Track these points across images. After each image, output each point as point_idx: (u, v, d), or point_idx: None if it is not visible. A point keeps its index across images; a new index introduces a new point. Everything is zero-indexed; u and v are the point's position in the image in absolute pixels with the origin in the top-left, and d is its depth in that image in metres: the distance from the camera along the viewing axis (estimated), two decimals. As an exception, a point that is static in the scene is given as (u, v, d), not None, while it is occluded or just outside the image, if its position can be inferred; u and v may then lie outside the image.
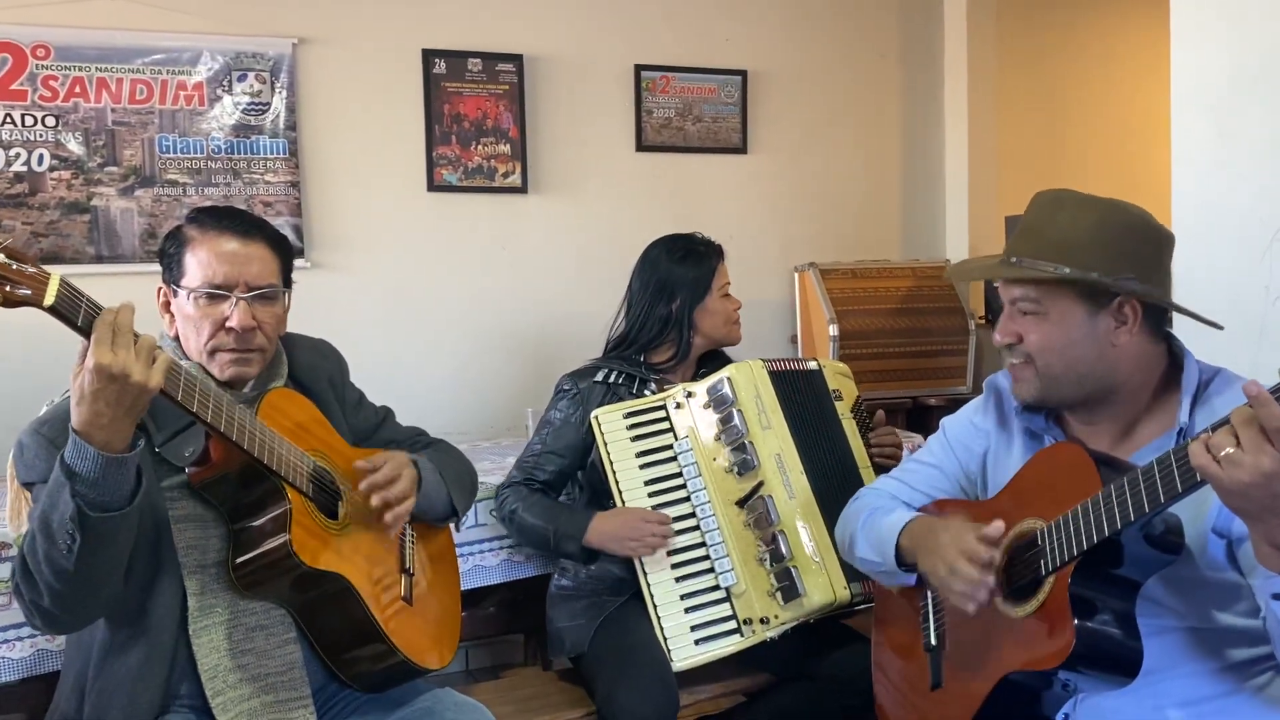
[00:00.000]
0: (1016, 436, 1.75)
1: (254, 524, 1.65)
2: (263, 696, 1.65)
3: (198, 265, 1.70)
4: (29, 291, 1.33)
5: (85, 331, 1.38)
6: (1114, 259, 1.54)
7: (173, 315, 1.75)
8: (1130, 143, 4.86)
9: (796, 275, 4.04)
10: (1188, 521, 1.44)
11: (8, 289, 1.31)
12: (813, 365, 2.45)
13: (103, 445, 1.41)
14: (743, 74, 4.10)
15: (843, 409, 2.42)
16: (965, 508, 1.76)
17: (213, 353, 1.71)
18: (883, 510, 1.83)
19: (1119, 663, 1.42)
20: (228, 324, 1.69)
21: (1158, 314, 1.59)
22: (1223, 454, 1.20)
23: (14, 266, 1.32)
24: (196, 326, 1.71)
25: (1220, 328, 1.57)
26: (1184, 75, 2.32)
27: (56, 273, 1.37)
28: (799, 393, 2.38)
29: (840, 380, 2.47)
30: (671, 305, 2.45)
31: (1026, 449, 1.73)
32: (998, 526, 1.52)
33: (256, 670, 1.66)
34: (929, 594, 1.76)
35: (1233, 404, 1.50)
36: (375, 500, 1.76)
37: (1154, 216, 1.62)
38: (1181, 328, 2.31)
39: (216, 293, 1.70)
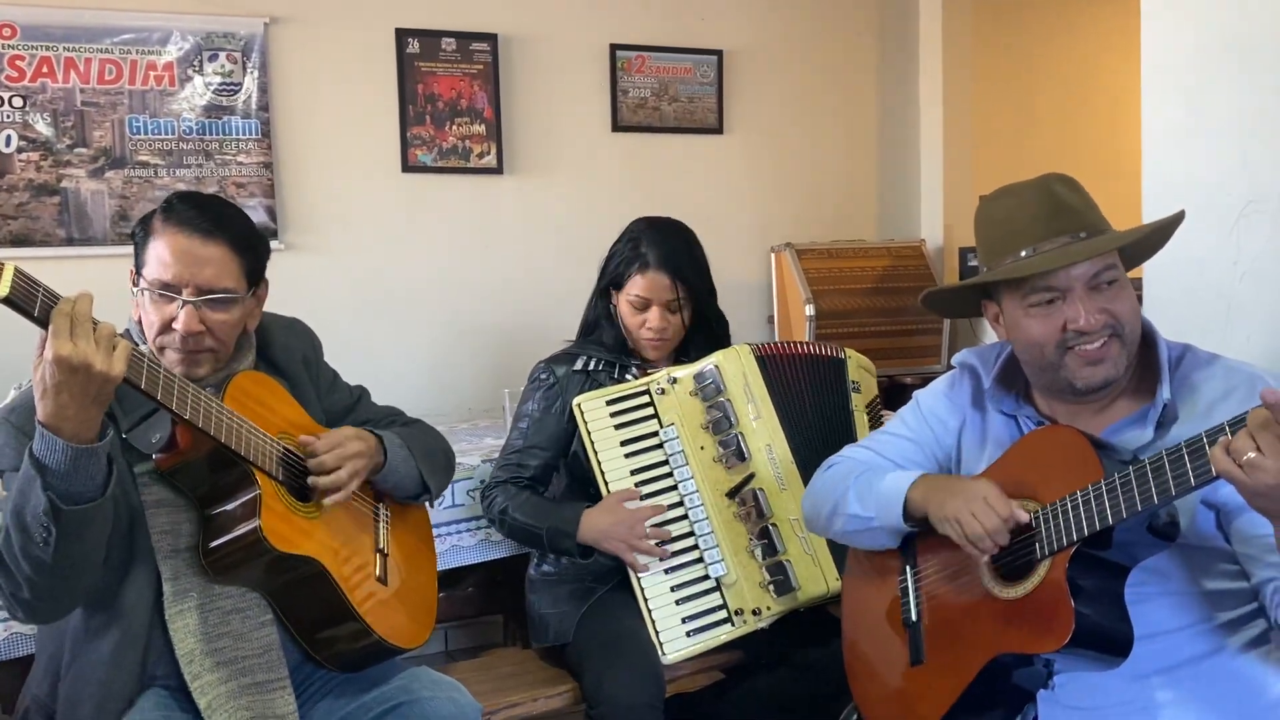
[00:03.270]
0: (991, 416, 1.75)
1: (224, 509, 1.64)
2: (240, 679, 1.64)
3: (155, 259, 1.65)
4: None
5: (43, 322, 1.35)
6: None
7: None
8: (1104, 121, 4.88)
9: (773, 255, 4.04)
10: None
11: None
12: (840, 355, 2.40)
13: (71, 437, 1.40)
14: (718, 54, 4.08)
15: (859, 402, 2.37)
16: None
17: (160, 349, 1.67)
18: (877, 470, 1.79)
19: (1112, 644, 1.42)
20: (173, 324, 1.65)
21: None
22: (1245, 459, 1.21)
23: None
24: (147, 320, 1.67)
25: None
26: (1154, 49, 2.31)
27: (11, 262, 1.33)
28: (790, 379, 2.33)
29: (862, 375, 2.43)
30: (601, 285, 2.41)
31: (1001, 429, 1.72)
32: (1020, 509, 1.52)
33: (233, 653, 1.65)
34: (908, 568, 1.76)
35: (1213, 383, 1.52)
36: (323, 480, 1.73)
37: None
38: (1156, 304, 2.33)
39: (165, 293, 1.65)
